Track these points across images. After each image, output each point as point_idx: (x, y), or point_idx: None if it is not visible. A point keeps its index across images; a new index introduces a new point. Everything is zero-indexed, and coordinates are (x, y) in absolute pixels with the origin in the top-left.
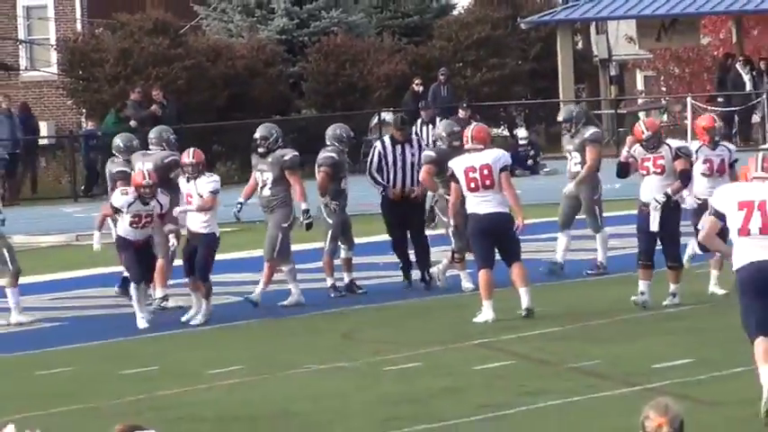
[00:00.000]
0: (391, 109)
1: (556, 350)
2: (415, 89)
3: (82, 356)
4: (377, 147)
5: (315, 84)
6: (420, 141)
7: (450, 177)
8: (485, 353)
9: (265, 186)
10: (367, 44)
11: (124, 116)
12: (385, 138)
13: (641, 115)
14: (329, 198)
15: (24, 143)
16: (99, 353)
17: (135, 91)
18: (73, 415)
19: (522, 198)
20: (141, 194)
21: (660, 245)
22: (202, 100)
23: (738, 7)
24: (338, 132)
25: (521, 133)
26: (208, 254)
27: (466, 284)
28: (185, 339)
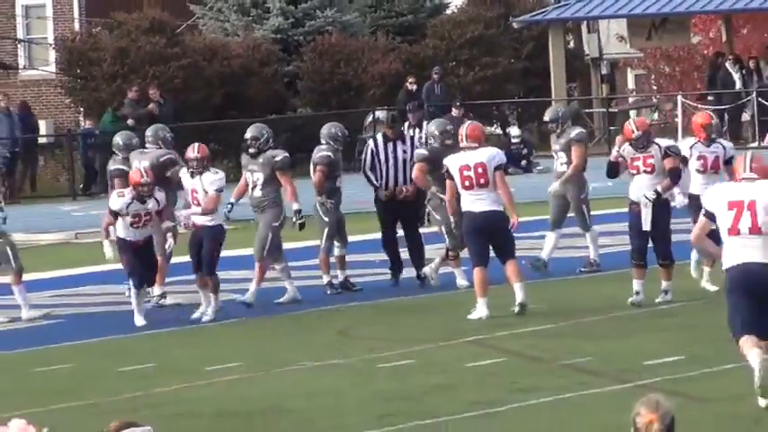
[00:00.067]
0: (385, 107)
1: (548, 347)
2: (409, 88)
3: (80, 353)
4: (369, 145)
5: (310, 82)
6: (412, 138)
7: (445, 175)
8: (478, 350)
9: (256, 187)
10: (361, 43)
11: (121, 114)
12: (377, 136)
13: (632, 114)
14: (325, 196)
15: (23, 142)
16: (98, 350)
17: (132, 89)
18: (72, 412)
19: (516, 196)
20: (139, 193)
21: (651, 243)
22: (199, 99)
23: (728, 6)
24: (333, 131)
25: (513, 131)
26: (214, 247)
27: (460, 282)
28: (182, 337)
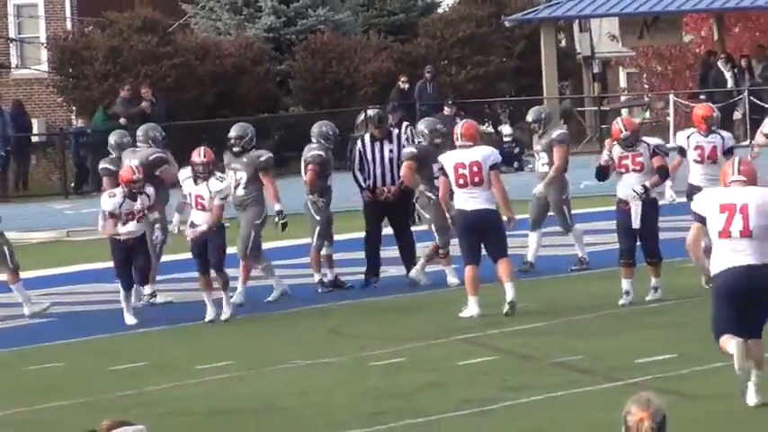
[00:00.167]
0: (378, 106)
1: (539, 345)
2: (401, 86)
3: (72, 352)
4: (357, 145)
5: (302, 81)
6: (400, 137)
7: (439, 172)
8: (469, 348)
9: (239, 186)
10: (353, 42)
11: (112, 113)
12: (365, 136)
13: (624, 112)
14: (317, 195)
15: (16, 140)
16: (89, 348)
17: (124, 88)
18: (64, 410)
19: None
20: (131, 190)
21: (639, 241)
22: (191, 97)
23: (719, 5)
24: (324, 130)
25: (505, 130)
26: (220, 245)
27: (451, 280)
28: (174, 335)
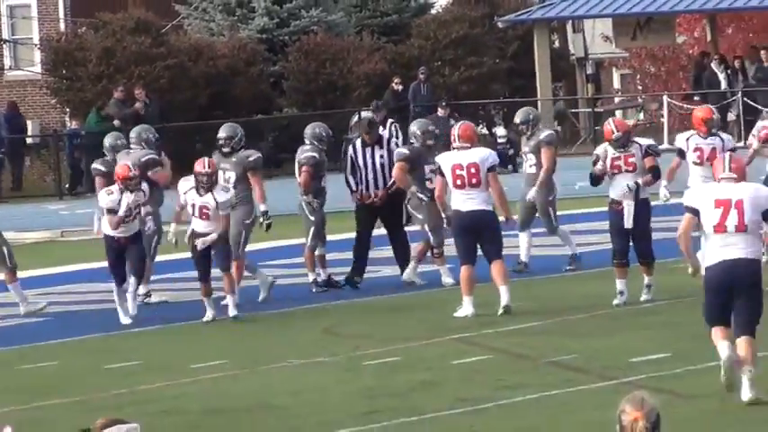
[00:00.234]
0: (371, 107)
1: (534, 344)
2: (395, 88)
3: (67, 351)
4: (349, 150)
5: (295, 82)
6: (390, 142)
7: (436, 171)
8: (463, 347)
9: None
10: (347, 43)
11: (106, 114)
12: (356, 141)
13: (618, 114)
14: (311, 196)
15: (10, 142)
16: (84, 347)
17: (118, 90)
18: (58, 409)
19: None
20: (127, 187)
21: (631, 241)
22: (184, 99)
23: (712, 6)
24: (317, 131)
25: (499, 131)
26: (226, 241)
27: (446, 279)
28: (168, 334)
